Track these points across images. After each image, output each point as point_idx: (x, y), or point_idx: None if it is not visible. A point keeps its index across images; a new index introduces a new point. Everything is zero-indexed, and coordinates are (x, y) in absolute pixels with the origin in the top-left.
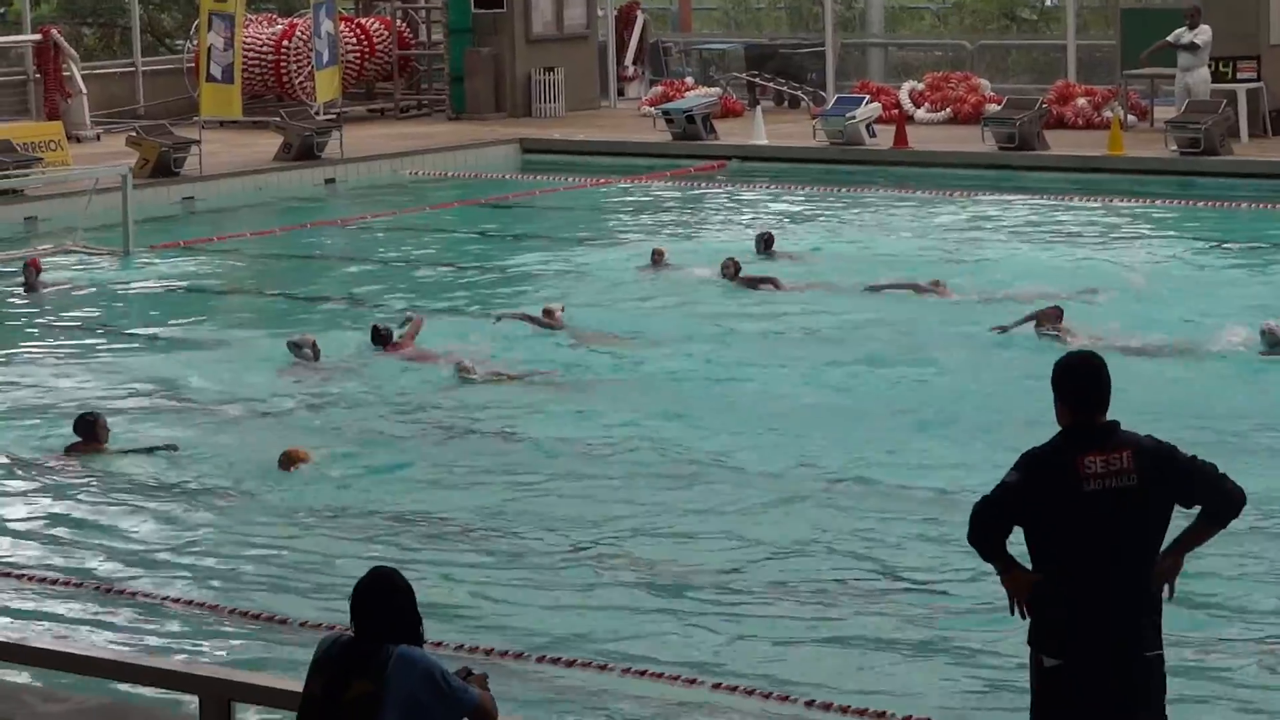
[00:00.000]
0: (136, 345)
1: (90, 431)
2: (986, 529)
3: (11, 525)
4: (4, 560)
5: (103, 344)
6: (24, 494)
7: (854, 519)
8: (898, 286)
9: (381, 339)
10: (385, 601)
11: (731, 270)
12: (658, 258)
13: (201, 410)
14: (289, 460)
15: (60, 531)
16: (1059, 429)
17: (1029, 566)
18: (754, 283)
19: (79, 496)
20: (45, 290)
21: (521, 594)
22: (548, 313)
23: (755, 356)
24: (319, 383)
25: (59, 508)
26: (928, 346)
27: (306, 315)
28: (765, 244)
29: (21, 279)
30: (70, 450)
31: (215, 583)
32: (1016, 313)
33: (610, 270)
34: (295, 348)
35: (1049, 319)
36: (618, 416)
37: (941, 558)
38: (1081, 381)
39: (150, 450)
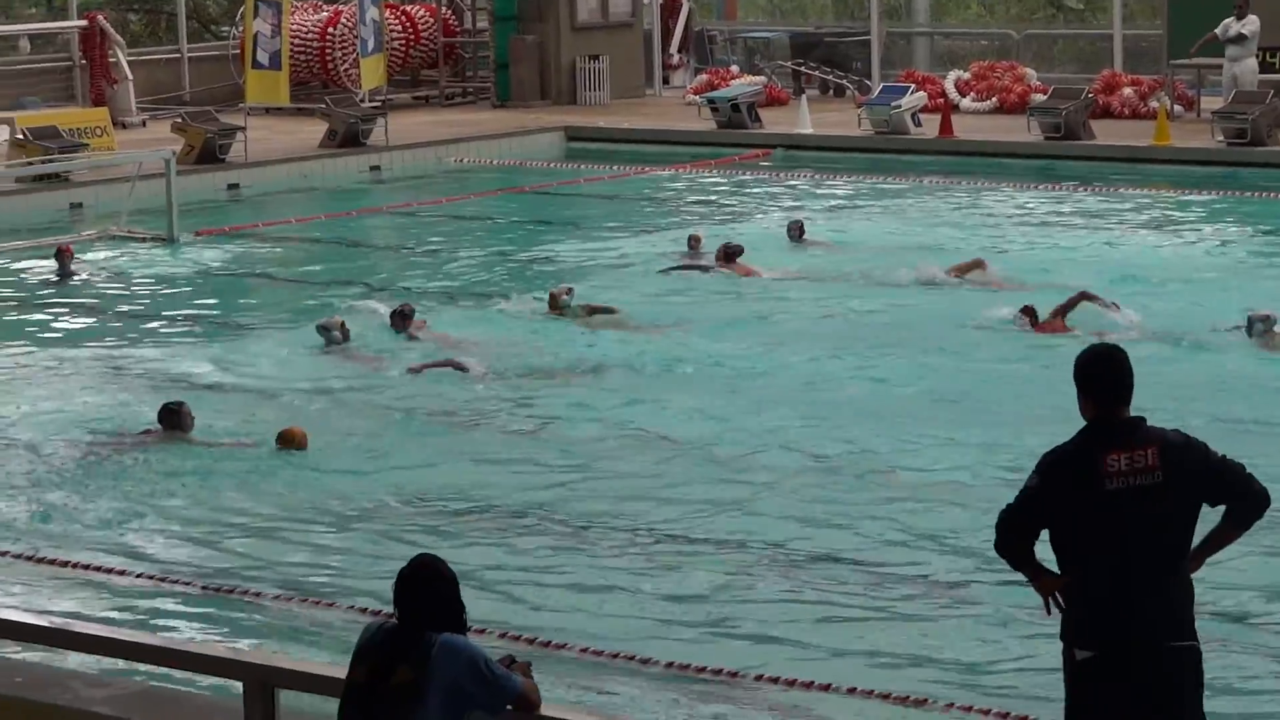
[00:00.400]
0: (180, 331)
1: (175, 420)
2: (1011, 539)
3: (60, 512)
4: (49, 546)
5: (145, 330)
6: (72, 481)
7: (898, 509)
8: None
9: (402, 321)
10: (429, 589)
11: (797, 232)
12: (694, 243)
13: (244, 396)
14: (287, 440)
15: (109, 518)
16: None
17: (1054, 560)
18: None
19: (130, 483)
20: (79, 277)
21: (567, 583)
22: (553, 298)
23: (791, 344)
24: (352, 367)
25: (108, 495)
26: (967, 336)
27: (348, 301)
28: (797, 232)
29: (55, 266)
30: (148, 435)
31: (260, 569)
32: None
33: (649, 258)
34: (324, 330)
35: (1028, 314)
36: (655, 406)
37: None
38: (1103, 374)
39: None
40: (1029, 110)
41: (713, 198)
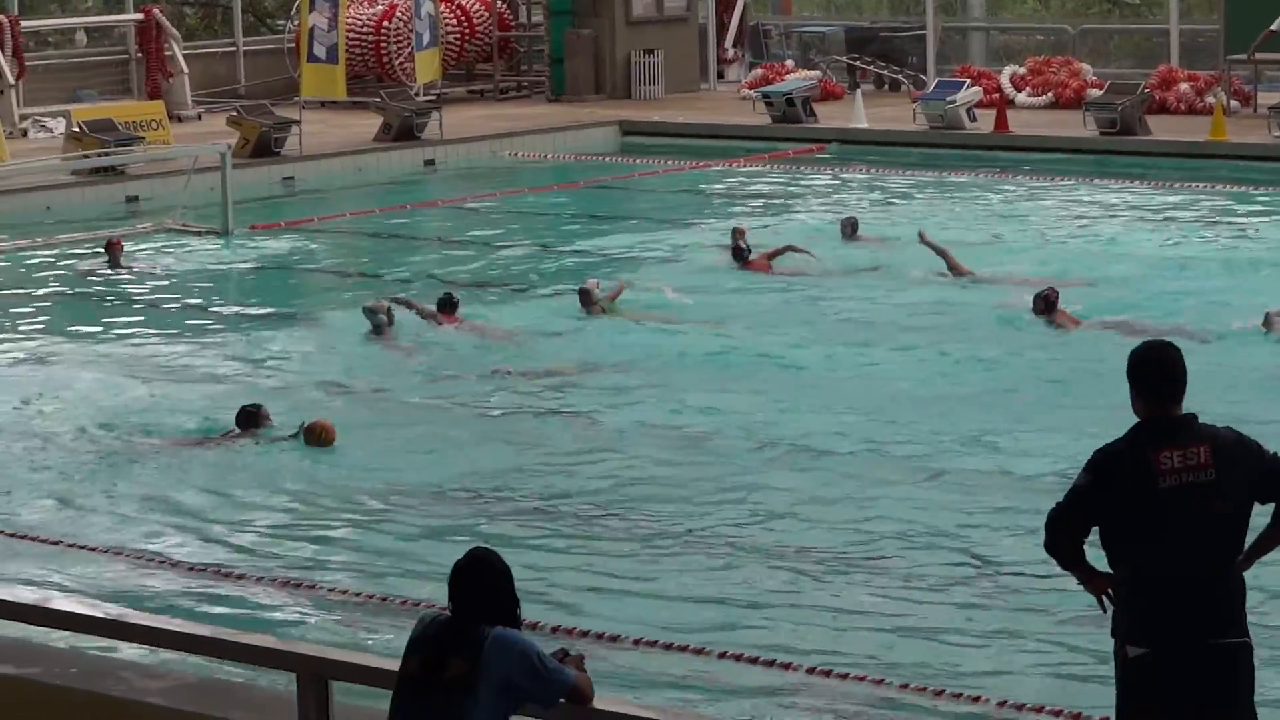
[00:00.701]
0: (234, 324)
1: (254, 422)
2: (1061, 538)
3: (114, 503)
4: (108, 539)
5: (198, 323)
6: (125, 473)
7: (945, 503)
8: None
9: (449, 306)
10: (483, 582)
11: (849, 229)
12: (738, 237)
13: (295, 389)
14: (315, 434)
15: (162, 510)
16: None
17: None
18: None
19: (182, 476)
20: (131, 270)
21: (619, 576)
22: (584, 292)
23: (841, 340)
24: (400, 355)
25: (164, 489)
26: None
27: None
28: (850, 229)
29: (105, 259)
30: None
31: (312, 562)
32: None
33: (699, 252)
34: (370, 313)
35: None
36: (701, 399)
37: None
38: (1156, 372)
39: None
40: (1085, 105)
41: (767, 192)
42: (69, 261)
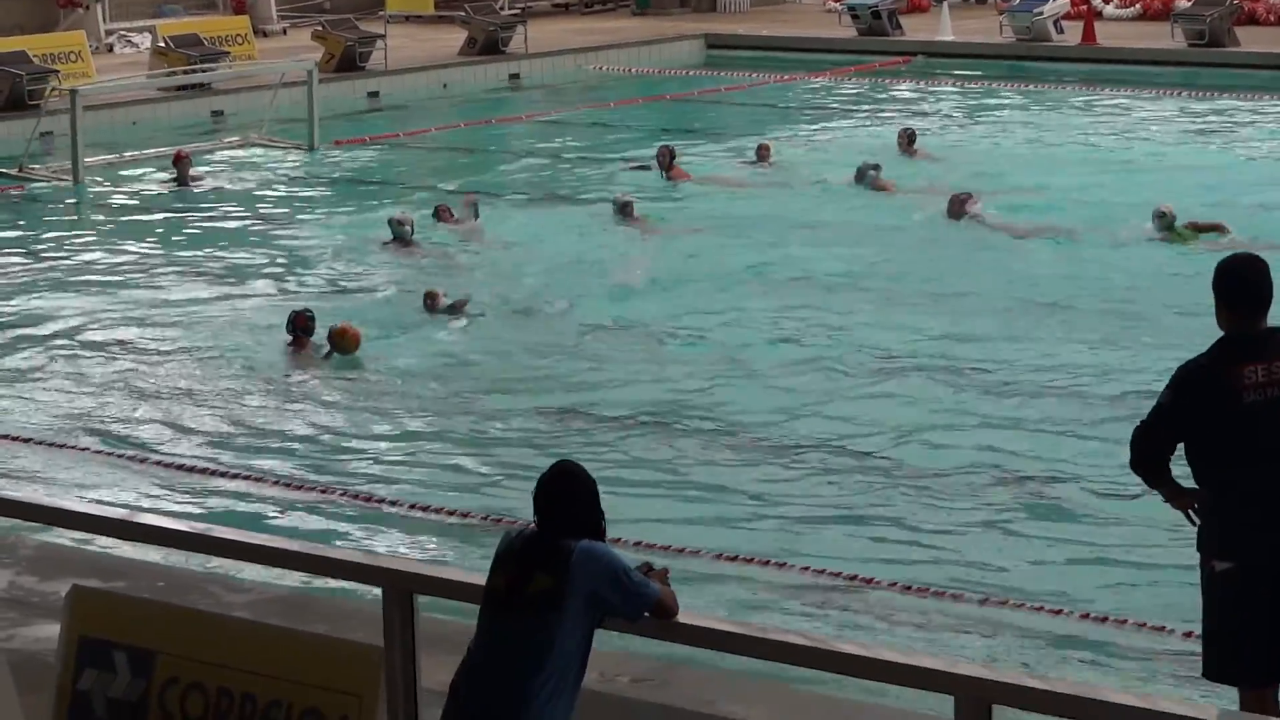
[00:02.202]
0: (317, 239)
1: (304, 327)
2: (1146, 455)
3: (197, 420)
4: (191, 455)
5: (282, 238)
6: (205, 390)
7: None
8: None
9: (441, 217)
10: (568, 495)
11: (906, 141)
12: (763, 153)
13: (380, 306)
14: (340, 340)
15: (248, 427)
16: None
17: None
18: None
19: (266, 393)
20: (200, 184)
21: (702, 489)
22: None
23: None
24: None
25: (245, 404)
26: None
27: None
28: (906, 141)
29: (173, 173)
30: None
31: (396, 478)
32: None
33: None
34: (396, 225)
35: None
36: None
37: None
38: (1241, 285)
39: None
40: (1173, 16)
41: (851, 105)
42: (156, 176)
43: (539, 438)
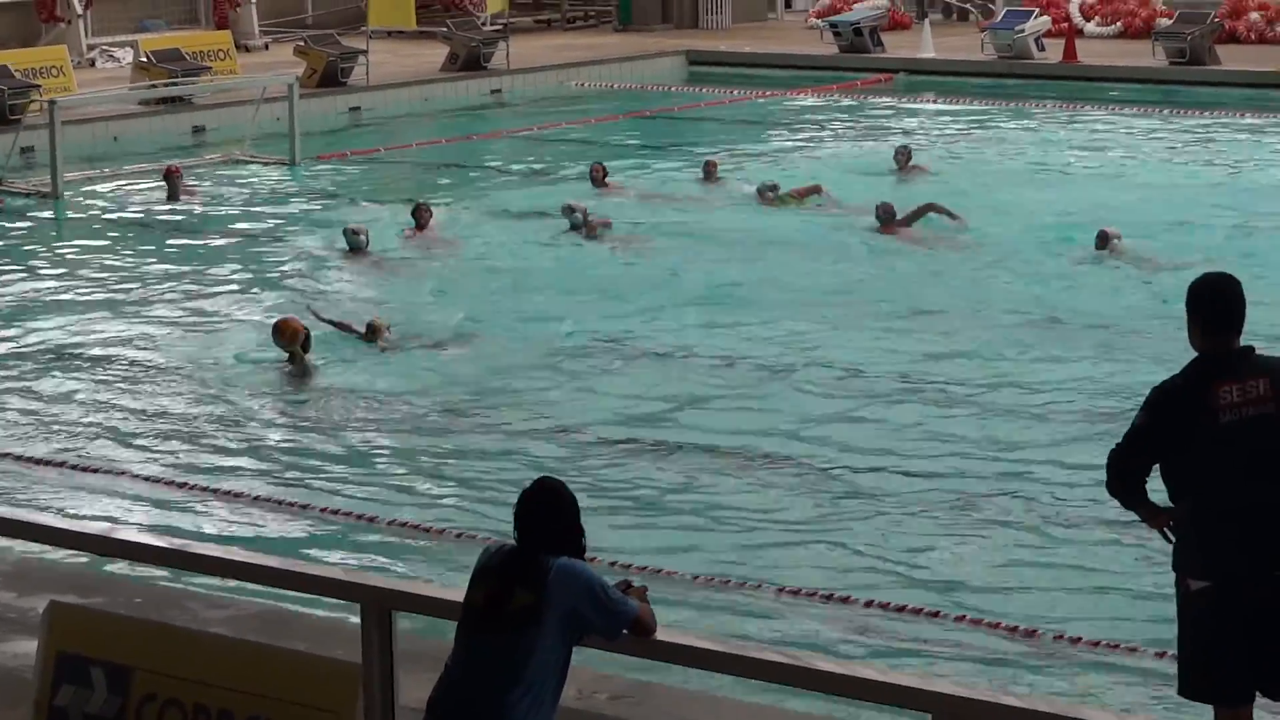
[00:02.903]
0: (294, 254)
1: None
2: (1122, 477)
3: (179, 438)
4: (171, 471)
5: (265, 254)
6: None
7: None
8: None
9: (419, 219)
10: (549, 511)
11: (903, 159)
12: (709, 170)
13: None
14: (284, 332)
15: (224, 440)
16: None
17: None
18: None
19: (245, 406)
20: (191, 199)
21: (681, 508)
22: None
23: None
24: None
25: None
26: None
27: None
28: (903, 159)
29: (163, 188)
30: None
31: (374, 495)
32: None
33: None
34: (351, 235)
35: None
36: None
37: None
38: (1215, 303)
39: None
40: (1154, 35)
41: (833, 122)
42: (137, 191)
43: (517, 455)
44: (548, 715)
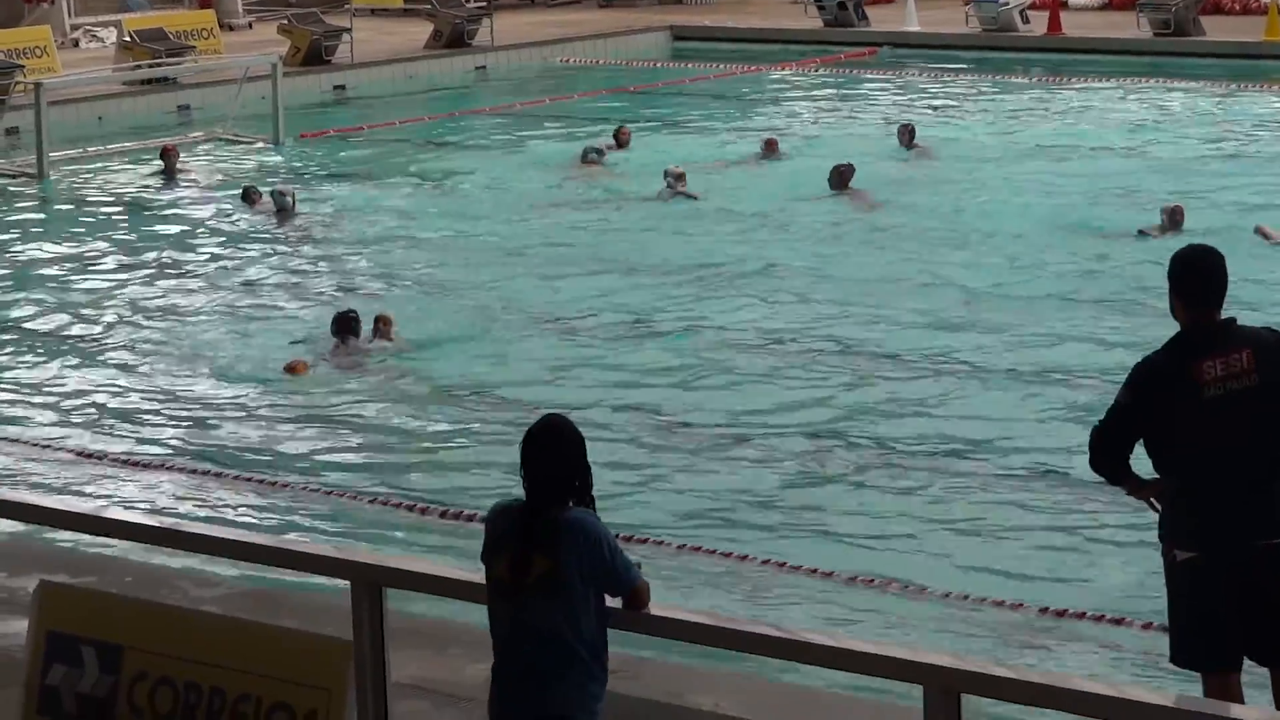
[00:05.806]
0: (288, 232)
1: (348, 327)
2: (1107, 454)
3: (168, 417)
4: (160, 450)
5: (249, 233)
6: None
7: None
8: None
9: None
10: (556, 449)
11: (907, 137)
12: (769, 148)
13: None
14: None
15: (217, 421)
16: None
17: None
18: None
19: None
20: (185, 177)
21: (666, 480)
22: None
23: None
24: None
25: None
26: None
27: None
28: (907, 137)
29: (160, 166)
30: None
31: (367, 472)
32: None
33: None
34: (278, 195)
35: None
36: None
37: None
38: (1196, 276)
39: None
40: (1138, 6)
41: (818, 97)
42: (122, 170)
43: (507, 432)
44: (603, 660)
